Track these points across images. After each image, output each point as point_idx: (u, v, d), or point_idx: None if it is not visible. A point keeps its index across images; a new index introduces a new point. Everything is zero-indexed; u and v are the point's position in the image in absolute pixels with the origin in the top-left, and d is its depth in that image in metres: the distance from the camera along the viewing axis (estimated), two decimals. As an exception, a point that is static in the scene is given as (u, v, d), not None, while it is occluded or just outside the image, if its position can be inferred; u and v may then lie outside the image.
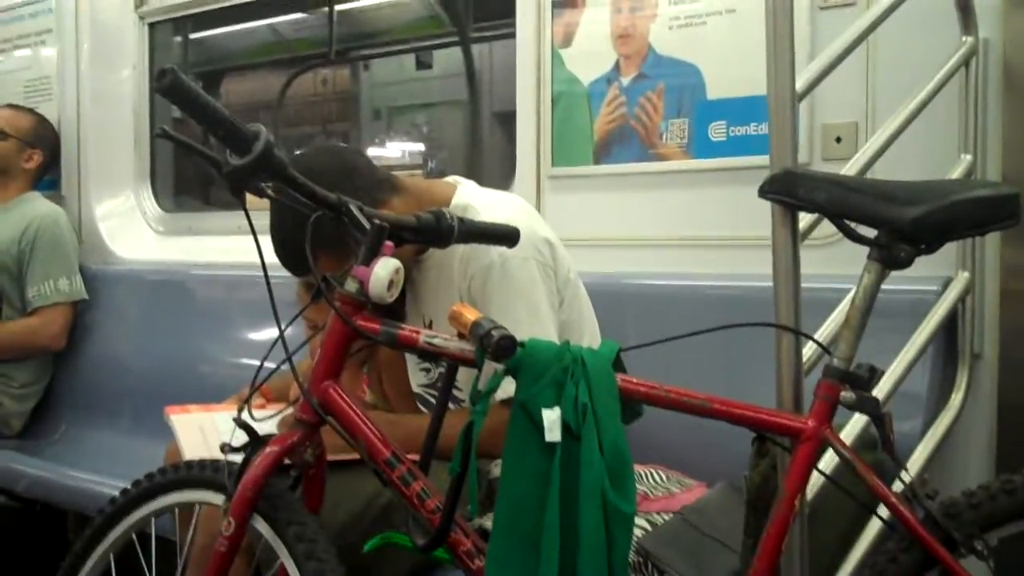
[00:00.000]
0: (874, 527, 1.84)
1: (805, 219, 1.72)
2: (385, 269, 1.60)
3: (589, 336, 2.20)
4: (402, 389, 2.31)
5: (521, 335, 1.59)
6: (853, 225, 1.62)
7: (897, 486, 1.56)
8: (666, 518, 2.05)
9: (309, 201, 1.62)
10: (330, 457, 1.76)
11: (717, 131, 2.56)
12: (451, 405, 1.85)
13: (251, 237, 1.63)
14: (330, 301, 1.65)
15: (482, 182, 2.29)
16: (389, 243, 1.63)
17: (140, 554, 1.87)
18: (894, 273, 1.60)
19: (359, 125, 4.91)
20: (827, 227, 1.74)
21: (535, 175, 2.83)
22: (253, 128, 1.54)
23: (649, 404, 1.60)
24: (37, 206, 3.66)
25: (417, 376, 2.28)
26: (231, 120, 1.54)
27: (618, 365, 1.60)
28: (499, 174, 3.25)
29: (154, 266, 3.72)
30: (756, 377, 1.76)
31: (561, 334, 2.09)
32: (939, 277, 2.19)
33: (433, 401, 2.21)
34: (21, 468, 2.97)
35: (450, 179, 2.28)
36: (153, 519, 1.88)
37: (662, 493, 2.14)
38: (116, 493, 1.91)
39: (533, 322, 2.02)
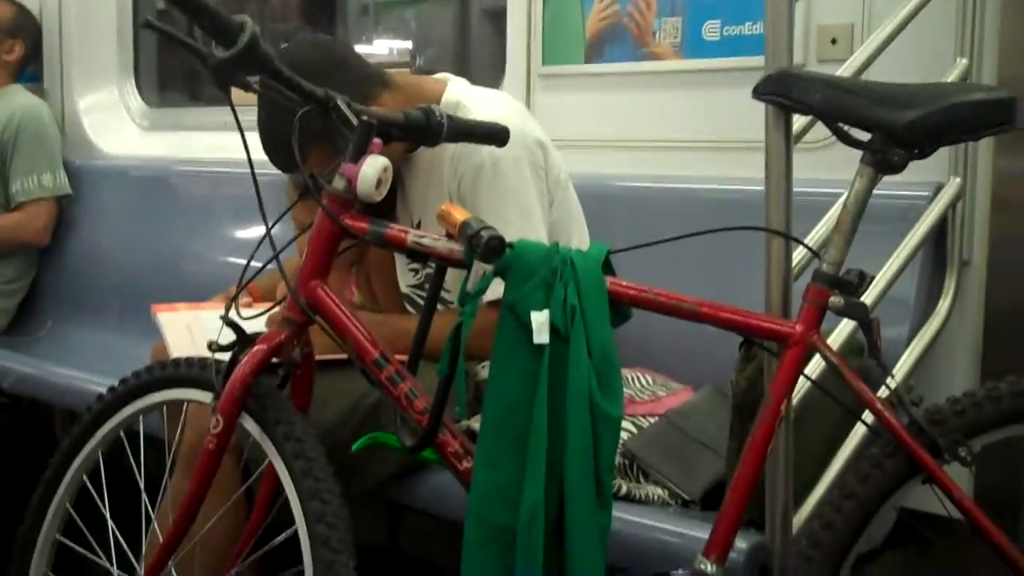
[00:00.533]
0: (858, 433, 1.85)
1: (799, 122, 1.69)
2: (373, 167, 1.58)
3: (578, 238, 2.20)
4: (390, 290, 2.31)
5: (511, 236, 1.59)
6: (847, 128, 1.61)
7: (883, 392, 1.56)
8: (652, 421, 2.06)
9: (296, 96, 1.60)
10: (318, 357, 1.76)
11: (711, 31, 2.52)
12: (439, 306, 1.84)
13: (238, 133, 1.62)
14: (317, 199, 1.64)
15: (471, 80, 2.26)
16: (377, 140, 1.62)
17: (128, 452, 1.88)
18: (885, 178, 1.58)
19: (346, 21, 4.84)
20: (820, 130, 1.72)
21: (525, 74, 2.80)
22: (239, 19, 1.51)
23: (638, 307, 1.60)
24: (19, 99, 3.60)
25: (406, 276, 2.28)
26: (216, 10, 1.51)
27: (607, 268, 1.59)
28: (489, 72, 3.23)
29: (139, 161, 3.68)
30: (745, 282, 1.76)
31: (550, 235, 2.08)
32: (930, 183, 2.17)
33: (421, 302, 2.21)
34: (7, 365, 2.98)
35: (440, 76, 2.25)
36: (141, 417, 1.88)
37: (648, 396, 2.15)
38: (103, 390, 1.91)
39: (523, 223, 2.01)
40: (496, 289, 1.56)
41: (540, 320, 1.51)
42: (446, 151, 2.03)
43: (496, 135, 1.79)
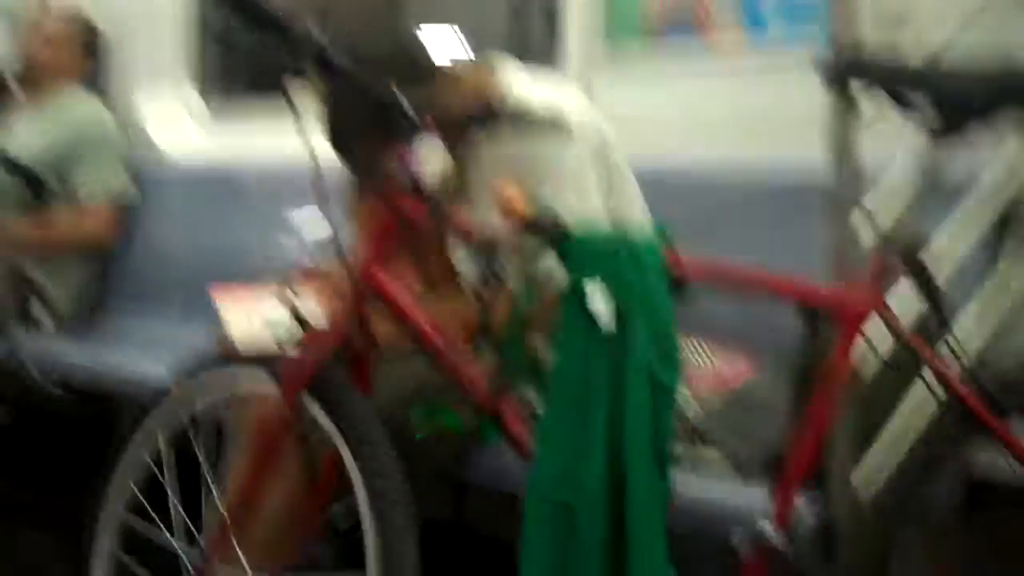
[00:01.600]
0: (917, 393, 1.82)
1: (862, 92, 1.67)
2: (433, 156, 1.66)
3: (638, 222, 2.20)
4: (449, 277, 2.31)
5: (571, 219, 1.61)
6: (908, 97, 1.59)
7: (947, 355, 1.58)
8: (713, 392, 2.06)
9: (361, 96, 1.66)
10: (380, 342, 1.78)
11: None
12: (501, 290, 1.89)
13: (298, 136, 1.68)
14: (380, 187, 1.67)
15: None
16: (437, 132, 1.66)
17: (193, 440, 1.90)
18: (945, 144, 1.58)
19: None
20: (884, 100, 1.75)
21: (583, 57, 2.78)
22: (303, 31, 1.56)
23: (699, 283, 1.62)
24: (82, 106, 3.64)
25: (465, 264, 2.28)
26: (283, 24, 1.56)
27: (669, 249, 1.61)
28: (539, 57, 3.24)
29: (204, 163, 3.72)
30: (808, 254, 1.75)
31: (611, 220, 2.07)
32: (990, 147, 2.20)
33: (482, 289, 2.26)
34: (72, 360, 3.02)
35: (492, 60, 2.26)
36: (206, 405, 1.92)
37: (708, 369, 2.16)
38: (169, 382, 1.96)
39: (583, 209, 2.02)
40: (561, 276, 1.59)
41: (602, 304, 1.55)
42: (503, 139, 2.00)
43: (554, 124, 1.81)
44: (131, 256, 3.67)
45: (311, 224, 1.83)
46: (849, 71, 1.60)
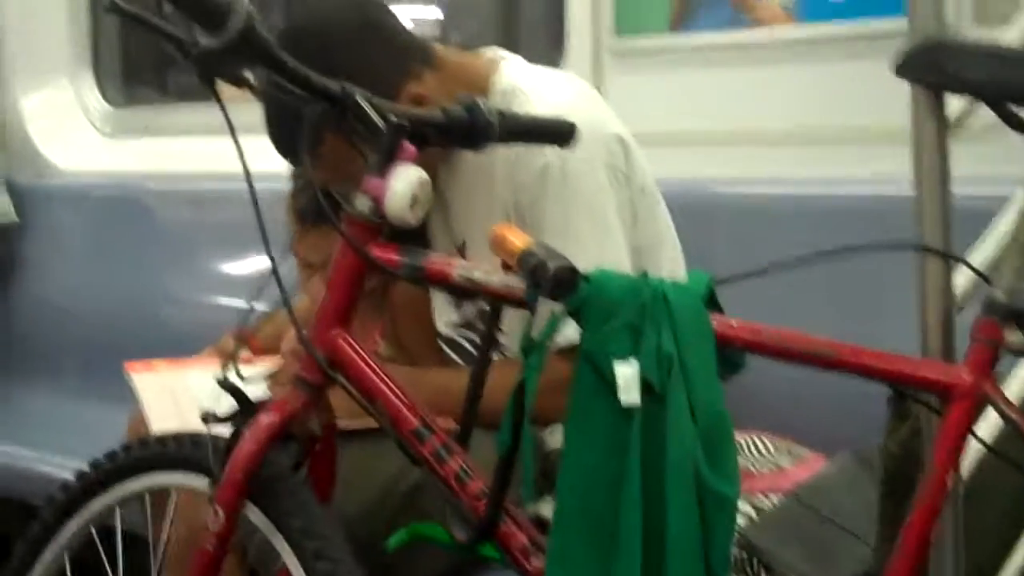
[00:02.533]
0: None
1: (955, 104, 1.66)
2: (405, 181, 1.60)
3: (670, 264, 2.17)
4: (426, 335, 2.31)
5: (585, 263, 1.59)
6: (1019, 111, 1.59)
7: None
8: (775, 500, 2.03)
9: (304, 92, 1.62)
10: (341, 426, 1.77)
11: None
12: (494, 355, 1.83)
13: (228, 137, 1.64)
14: (336, 224, 1.65)
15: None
16: (410, 146, 1.62)
17: (102, 554, 1.89)
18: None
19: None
20: (984, 114, 1.67)
21: (592, 48, 2.78)
22: (225, 3, 1.55)
23: (753, 352, 1.59)
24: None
25: (445, 313, 2.27)
26: None
27: (711, 303, 1.59)
28: (542, 47, 3.23)
29: (102, 179, 3.70)
30: (890, 317, 1.77)
31: (635, 261, 2.06)
32: None
33: (466, 346, 2.21)
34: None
35: (490, 51, 2.25)
36: (118, 509, 1.88)
37: (770, 468, 2.13)
38: (68, 476, 1.90)
39: (601, 246, 2.01)
40: (569, 334, 1.56)
41: (627, 373, 1.52)
42: (499, 153, 2.01)
43: (562, 133, 1.79)
44: (14, 304, 3.61)
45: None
46: (930, 67, 1.56)
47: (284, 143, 2.01)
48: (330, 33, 1.81)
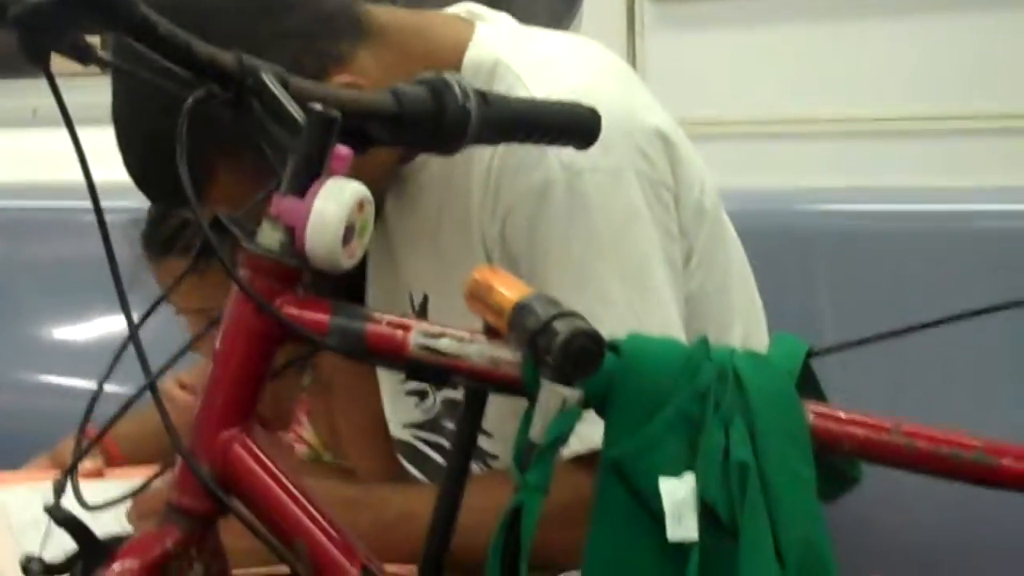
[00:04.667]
0: None
1: None
2: (337, 201, 1.48)
3: (744, 322, 2.07)
4: (370, 429, 2.23)
5: (612, 326, 1.49)
6: None
7: None
8: None
9: (181, 70, 1.50)
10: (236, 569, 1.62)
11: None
12: (474, 466, 1.76)
13: (63, 131, 1.51)
14: (228, 268, 1.52)
15: (518, 19, 2.09)
16: (344, 148, 1.51)
17: None
18: None
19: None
20: None
21: (624, 3, 2.78)
22: None
23: (872, 461, 1.48)
24: None
25: (401, 406, 2.19)
26: None
27: (808, 384, 1.49)
28: (545, 2, 3.16)
29: None
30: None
31: (689, 318, 1.97)
32: None
33: (431, 455, 2.13)
34: None
35: (462, 9, 2.12)
36: None
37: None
38: None
39: (635, 300, 1.90)
40: (588, 434, 1.48)
41: (679, 495, 1.42)
42: (475, 161, 1.92)
43: (579, 127, 1.70)
44: None
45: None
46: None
47: (153, 175, 1.90)
48: (207, 9, 1.72)
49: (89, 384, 1.57)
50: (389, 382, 2.12)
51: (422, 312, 2.04)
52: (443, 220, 2.01)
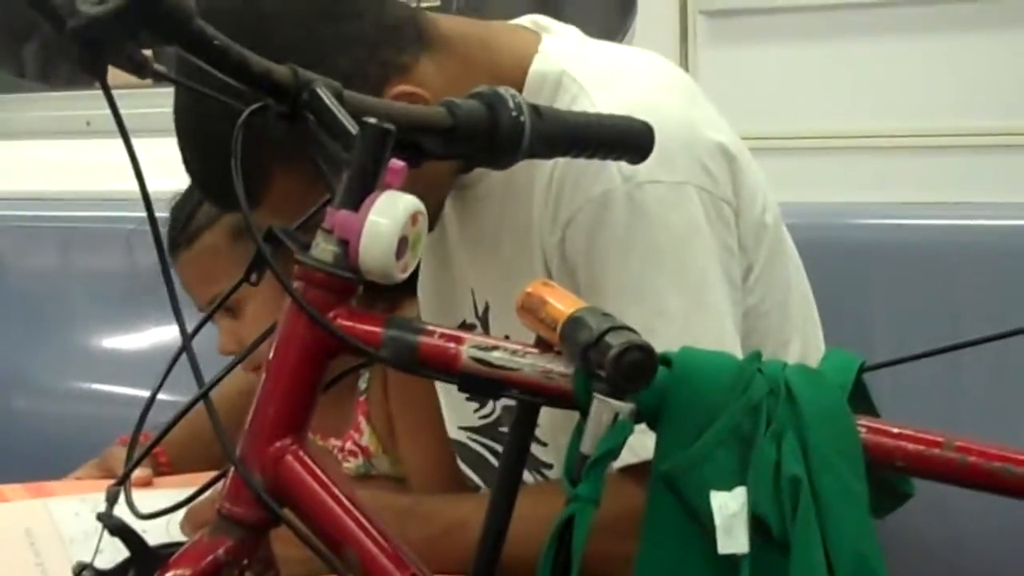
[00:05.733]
0: None
1: None
2: (391, 216, 1.49)
3: (802, 337, 2.06)
4: (426, 429, 2.28)
5: (668, 341, 1.50)
6: None
7: None
8: None
9: (236, 83, 1.50)
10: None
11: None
12: (528, 475, 1.77)
13: (116, 142, 1.53)
14: (283, 281, 1.52)
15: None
16: (398, 162, 1.51)
17: None
18: None
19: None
20: None
21: (677, 11, 2.76)
22: None
23: (924, 476, 1.46)
24: None
25: (460, 410, 2.20)
26: None
27: (860, 399, 1.48)
28: (598, 14, 3.16)
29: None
30: None
31: (748, 335, 1.96)
32: None
33: (492, 461, 2.13)
34: None
35: (528, 21, 2.11)
36: None
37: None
38: None
39: (692, 315, 1.89)
40: (640, 445, 1.49)
41: (730, 508, 1.43)
42: (538, 171, 1.92)
43: (633, 141, 1.69)
44: None
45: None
46: None
47: (201, 162, 1.92)
48: (272, 5, 1.71)
49: (138, 392, 1.57)
50: (447, 385, 2.10)
51: (484, 319, 2.05)
52: (504, 229, 2.03)
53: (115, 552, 1.60)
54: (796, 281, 2.09)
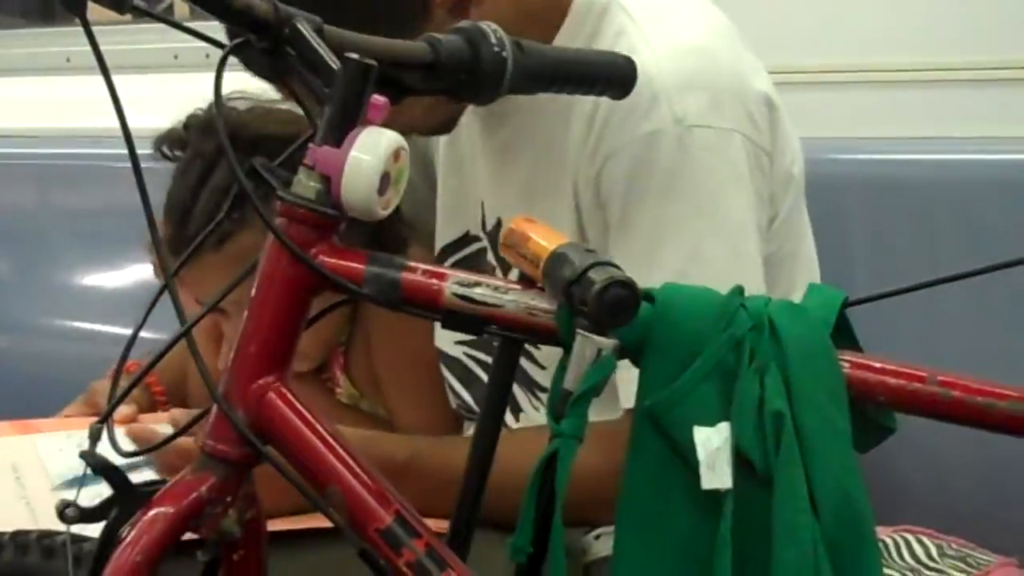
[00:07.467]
0: None
1: None
2: (373, 152, 1.48)
3: (806, 284, 2.09)
4: (413, 373, 2.30)
5: (700, 283, 1.52)
6: None
7: None
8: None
9: (219, 18, 1.53)
10: (272, 526, 1.68)
11: None
12: (524, 399, 1.83)
13: (97, 78, 1.53)
14: (264, 217, 1.52)
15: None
16: (380, 97, 1.51)
17: None
18: None
19: None
20: None
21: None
22: None
23: (907, 411, 1.47)
24: None
25: (442, 358, 2.23)
26: None
27: (843, 334, 1.48)
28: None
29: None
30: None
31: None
32: None
33: (484, 378, 2.14)
34: None
35: None
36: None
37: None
38: None
39: (728, 260, 1.92)
40: (623, 383, 1.54)
41: (713, 443, 1.43)
42: (579, 101, 1.92)
43: (611, 77, 1.69)
44: None
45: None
46: None
47: None
48: None
49: (121, 331, 1.57)
50: None
51: (494, 234, 2.06)
52: (530, 149, 2.04)
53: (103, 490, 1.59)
54: (806, 236, 2.12)
